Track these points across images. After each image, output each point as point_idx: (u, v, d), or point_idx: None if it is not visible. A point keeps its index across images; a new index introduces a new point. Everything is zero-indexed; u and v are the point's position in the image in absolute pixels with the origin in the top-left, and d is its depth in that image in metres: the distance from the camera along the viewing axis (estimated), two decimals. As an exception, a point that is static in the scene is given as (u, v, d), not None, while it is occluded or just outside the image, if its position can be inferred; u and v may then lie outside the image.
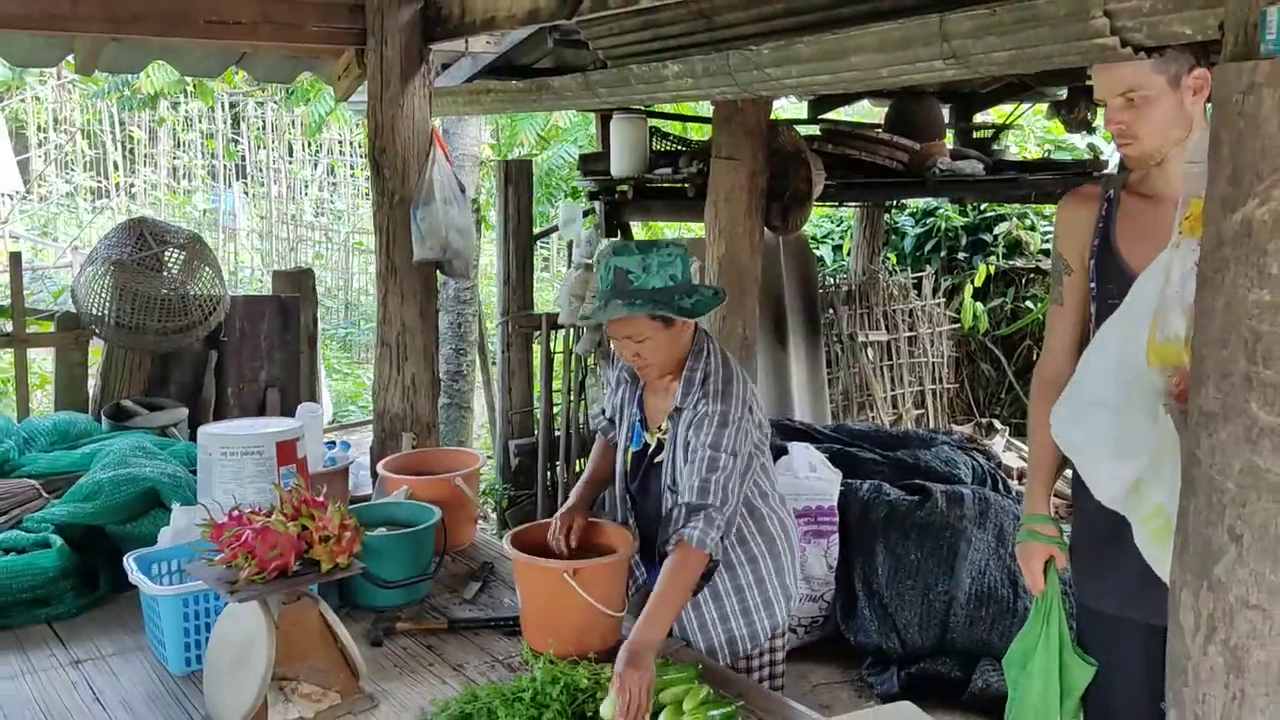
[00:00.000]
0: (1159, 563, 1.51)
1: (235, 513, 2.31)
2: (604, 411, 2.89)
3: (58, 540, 2.87)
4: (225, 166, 12.65)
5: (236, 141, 12.82)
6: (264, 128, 12.77)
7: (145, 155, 13.13)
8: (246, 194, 13.20)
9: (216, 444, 2.95)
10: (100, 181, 13.00)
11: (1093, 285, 2.14)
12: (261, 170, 13.16)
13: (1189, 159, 1.40)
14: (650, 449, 2.64)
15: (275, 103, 12.24)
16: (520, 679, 2.37)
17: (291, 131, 13.04)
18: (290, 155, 13.18)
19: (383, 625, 2.73)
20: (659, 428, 2.62)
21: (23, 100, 12.60)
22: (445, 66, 4.57)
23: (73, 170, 13.07)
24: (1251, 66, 1.16)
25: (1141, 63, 1.99)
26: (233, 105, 12.62)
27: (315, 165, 13.63)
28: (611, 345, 5.15)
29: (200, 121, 12.67)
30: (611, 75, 3.17)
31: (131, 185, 12.90)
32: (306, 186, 13.38)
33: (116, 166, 12.74)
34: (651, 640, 2.29)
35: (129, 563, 2.62)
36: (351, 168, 13.04)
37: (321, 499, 2.39)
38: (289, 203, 12.60)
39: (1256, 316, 1.20)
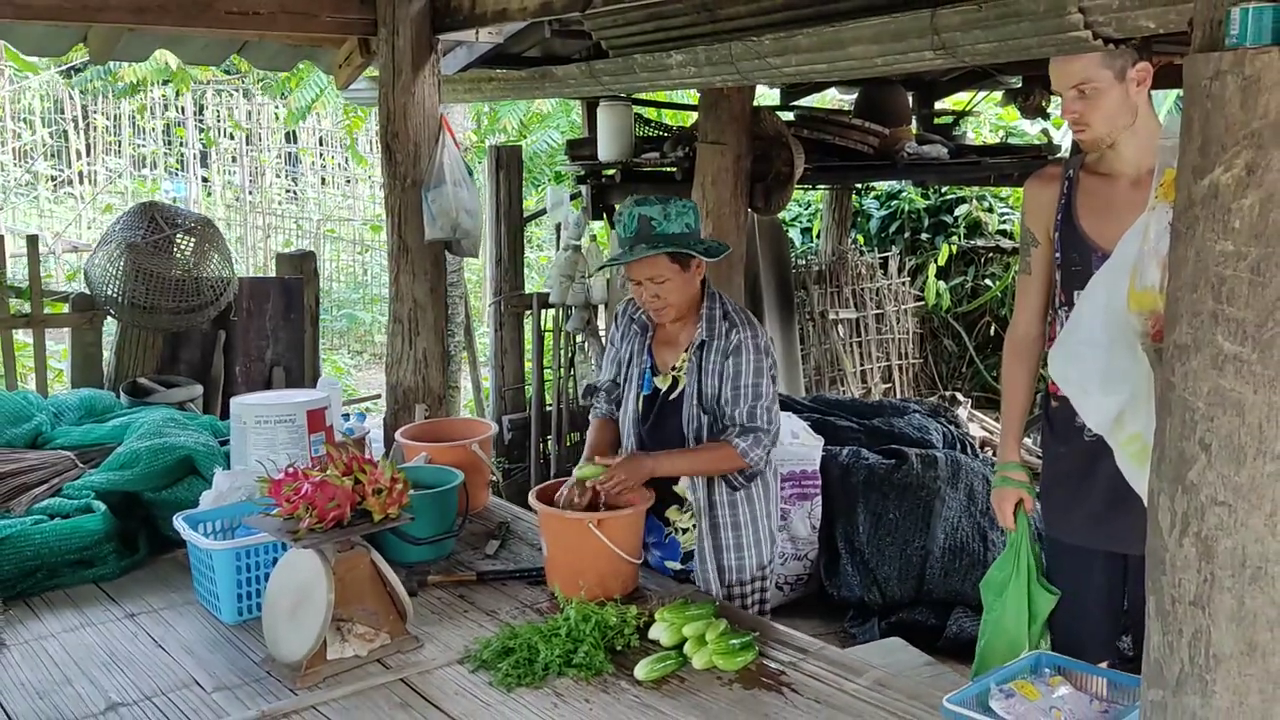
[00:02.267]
0: (1137, 480, 1.77)
1: (291, 469, 2.51)
2: (597, 389, 3.09)
3: (101, 505, 3.03)
4: (194, 154, 12.62)
5: (202, 129, 12.79)
6: (233, 115, 12.76)
7: (109, 144, 13.05)
8: (206, 182, 13.18)
9: (250, 413, 3.13)
10: (62, 170, 12.90)
11: (1058, 255, 2.39)
12: (233, 159, 13.14)
13: (1163, 136, 1.66)
14: (662, 391, 2.89)
15: (245, 93, 12.24)
16: (554, 618, 2.59)
17: (256, 121, 13.04)
18: (248, 143, 13.18)
19: (416, 578, 2.93)
20: (672, 368, 2.88)
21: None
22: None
23: (33, 159, 12.95)
24: (1218, 56, 1.40)
25: (1092, 57, 2.22)
26: (196, 94, 12.59)
27: (279, 155, 13.62)
28: (601, 320, 5.36)
29: (167, 110, 12.63)
30: (616, 64, 3.37)
31: (95, 174, 12.82)
32: (268, 174, 13.39)
33: (79, 155, 12.66)
34: (659, 466, 2.74)
35: (180, 523, 2.80)
36: (321, 155, 13.06)
37: (368, 456, 2.60)
38: (257, 192, 12.62)
39: (1222, 264, 1.46)
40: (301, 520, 2.42)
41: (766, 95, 6.40)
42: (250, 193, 12.76)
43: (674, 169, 4.89)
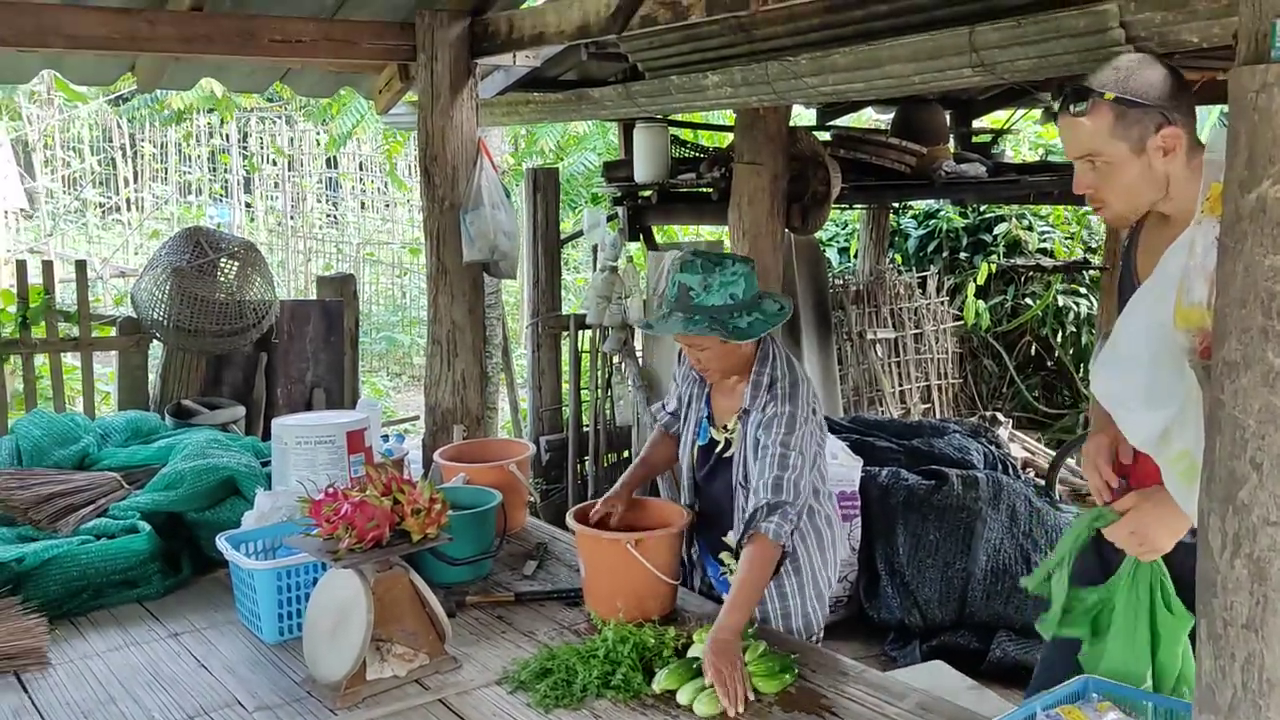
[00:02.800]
0: (1185, 500, 1.74)
1: (331, 490, 2.53)
2: (665, 406, 3.06)
3: (146, 526, 3.07)
4: (239, 180, 12.85)
5: (246, 155, 13.04)
6: (276, 142, 13.00)
7: (156, 171, 13.33)
8: (249, 208, 13.42)
9: (291, 434, 3.16)
10: (110, 198, 13.18)
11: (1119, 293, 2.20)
12: (276, 185, 13.38)
13: (1208, 151, 1.64)
14: (719, 446, 2.80)
15: (287, 120, 12.47)
16: (591, 639, 2.58)
17: (298, 147, 13.26)
18: (290, 169, 13.41)
19: (454, 598, 2.93)
20: (725, 426, 2.78)
21: (28, 119, 12.78)
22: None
23: (82, 186, 13.25)
24: (1264, 69, 1.38)
25: (1101, 124, 1.89)
26: (240, 122, 12.84)
27: (321, 180, 13.84)
28: (638, 341, 5.36)
29: (212, 137, 12.89)
30: (652, 85, 3.39)
31: (142, 200, 13.10)
32: (308, 200, 13.61)
33: (127, 182, 12.94)
34: (736, 626, 2.45)
35: (222, 543, 2.82)
36: (360, 180, 13.25)
37: (407, 477, 2.62)
38: (298, 216, 12.82)
39: (1271, 279, 1.43)
40: (341, 540, 2.43)
41: (803, 115, 6.40)
42: (292, 217, 12.96)
43: (710, 190, 4.89)
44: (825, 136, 5.48)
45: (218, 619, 2.88)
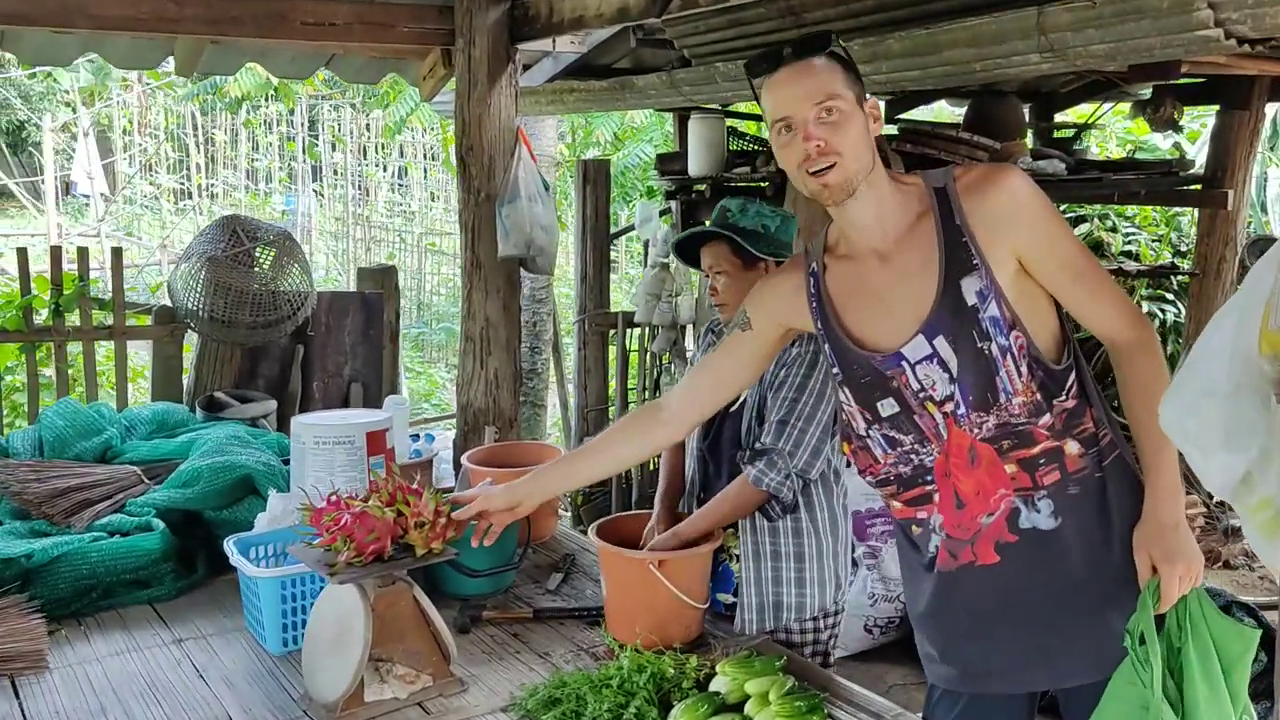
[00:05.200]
0: (1267, 555, 1.50)
1: (334, 498, 2.38)
2: None
3: (159, 524, 2.98)
4: (304, 168, 12.96)
5: (315, 143, 13.14)
6: (339, 130, 13.07)
7: (226, 158, 13.52)
8: (319, 195, 13.53)
9: (309, 433, 3.03)
10: (183, 183, 13.41)
11: (836, 371, 2.00)
12: (336, 173, 13.47)
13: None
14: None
15: (353, 106, 12.53)
16: (607, 666, 2.40)
17: (365, 134, 13.32)
18: (364, 157, 13.49)
19: (469, 613, 2.78)
20: None
21: (108, 105, 13.04)
22: (526, 68, 4.65)
23: (157, 173, 13.49)
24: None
25: (835, 70, 1.81)
26: (309, 109, 12.94)
27: (386, 168, 13.90)
28: (689, 340, 5.17)
29: (280, 125, 13.01)
30: (697, 73, 3.19)
31: (212, 186, 13.28)
32: (379, 189, 13.67)
33: (199, 169, 13.13)
34: (682, 534, 2.60)
35: (229, 546, 2.70)
36: (425, 170, 13.26)
37: (415, 487, 2.46)
38: (363, 204, 12.88)
39: (1381, 303, 1.19)
40: (340, 553, 2.29)
41: (871, 108, 6.12)
42: (360, 205, 13.03)
43: (765, 184, 4.67)
44: (892, 130, 5.21)
45: (226, 625, 2.77)
